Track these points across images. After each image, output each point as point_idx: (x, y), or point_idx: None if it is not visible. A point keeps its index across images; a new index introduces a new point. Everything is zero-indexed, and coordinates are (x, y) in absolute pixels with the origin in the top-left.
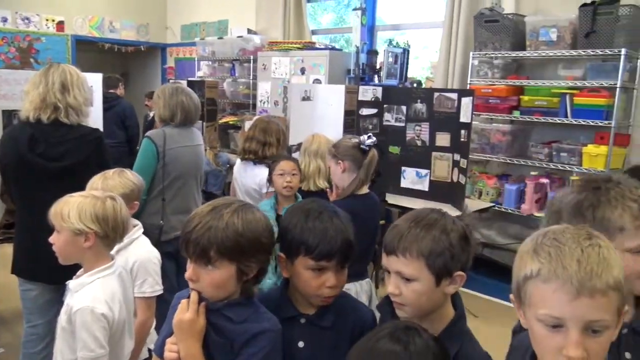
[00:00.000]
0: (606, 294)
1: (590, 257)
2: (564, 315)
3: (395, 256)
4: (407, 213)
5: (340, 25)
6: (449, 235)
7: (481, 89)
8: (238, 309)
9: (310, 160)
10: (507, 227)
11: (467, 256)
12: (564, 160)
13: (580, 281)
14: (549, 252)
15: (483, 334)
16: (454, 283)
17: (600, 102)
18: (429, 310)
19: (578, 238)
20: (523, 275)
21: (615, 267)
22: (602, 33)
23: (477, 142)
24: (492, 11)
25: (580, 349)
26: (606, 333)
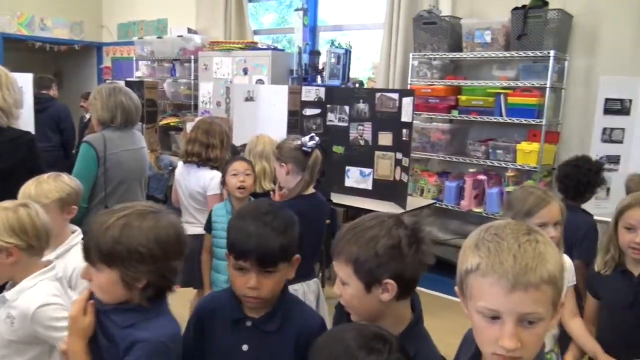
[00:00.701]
0: (540, 288)
1: (527, 252)
2: (500, 308)
3: (334, 259)
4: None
5: (283, 25)
6: (377, 244)
7: (421, 89)
8: (126, 314)
9: (256, 162)
10: (448, 223)
11: (398, 265)
12: (500, 157)
13: (515, 276)
14: (489, 247)
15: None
16: (386, 291)
17: (532, 102)
18: (369, 316)
19: (517, 233)
20: (465, 269)
21: (550, 261)
22: (533, 35)
23: (418, 141)
24: (430, 13)
25: (514, 340)
26: (540, 324)
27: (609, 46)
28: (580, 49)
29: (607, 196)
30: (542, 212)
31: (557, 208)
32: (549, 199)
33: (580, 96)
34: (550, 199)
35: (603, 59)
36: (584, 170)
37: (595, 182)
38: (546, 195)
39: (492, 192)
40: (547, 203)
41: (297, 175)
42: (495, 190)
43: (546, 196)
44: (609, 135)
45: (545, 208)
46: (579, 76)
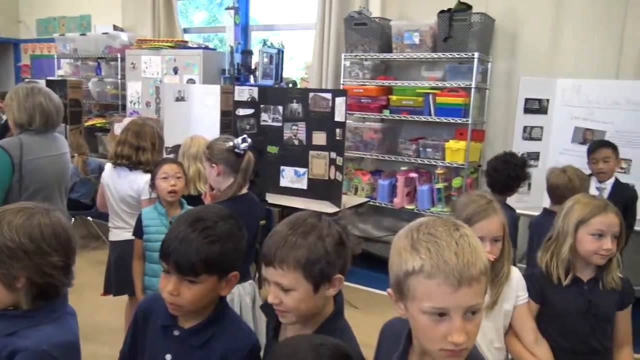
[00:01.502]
0: (480, 280)
1: (465, 248)
2: (448, 306)
3: (272, 268)
4: (285, 219)
5: (213, 24)
6: (325, 241)
7: (353, 89)
8: (10, 321)
9: (190, 164)
10: (382, 221)
11: (344, 259)
12: (430, 155)
13: (460, 272)
14: (428, 247)
15: (364, 324)
16: (333, 287)
17: (459, 101)
18: (312, 314)
19: (449, 230)
20: (404, 271)
21: (482, 252)
22: (458, 38)
23: (351, 140)
24: (360, 15)
25: (462, 334)
26: (480, 314)
27: (528, 49)
28: (502, 51)
29: (529, 191)
30: (479, 224)
31: (497, 223)
32: (489, 211)
33: (503, 96)
34: (491, 211)
35: (523, 61)
36: (512, 165)
37: (522, 176)
38: (488, 207)
39: (423, 189)
40: (485, 215)
41: (229, 176)
42: (425, 187)
43: (487, 207)
44: (529, 133)
45: (484, 221)
46: (501, 77)
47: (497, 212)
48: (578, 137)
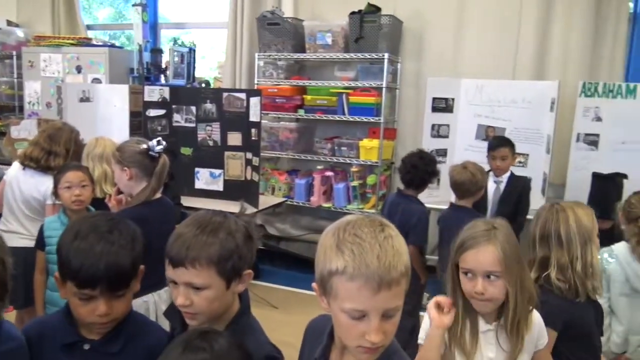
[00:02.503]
0: (400, 283)
1: (387, 251)
2: (367, 308)
3: (184, 268)
4: (186, 219)
5: (120, 21)
6: (235, 237)
7: (268, 89)
8: None
9: (95, 165)
10: (300, 220)
11: (252, 254)
12: (345, 154)
13: (381, 276)
14: (352, 249)
15: (284, 324)
16: (243, 282)
17: (371, 101)
18: (222, 312)
19: (374, 231)
20: (328, 270)
21: (404, 253)
22: (369, 39)
23: (267, 140)
24: (273, 14)
25: (380, 333)
26: (398, 314)
27: (434, 50)
28: (410, 53)
29: (438, 186)
30: (467, 253)
31: (489, 254)
32: (482, 239)
33: (412, 96)
34: (485, 240)
35: (429, 62)
36: (427, 161)
37: (436, 172)
38: (484, 234)
39: (339, 187)
40: (475, 244)
41: (141, 180)
42: (341, 185)
43: (483, 235)
44: (437, 131)
45: (472, 250)
46: (410, 77)
47: (494, 242)
48: (481, 134)
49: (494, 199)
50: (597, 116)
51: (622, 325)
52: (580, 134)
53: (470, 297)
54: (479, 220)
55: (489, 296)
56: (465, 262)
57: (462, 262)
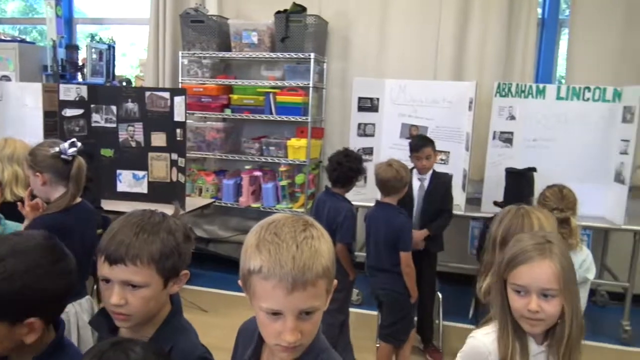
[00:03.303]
0: (316, 284)
1: (304, 252)
2: (281, 308)
3: (123, 265)
4: (120, 218)
5: (31, 15)
6: (175, 236)
7: (193, 88)
8: None
9: (5, 167)
10: (228, 221)
11: (189, 254)
12: (273, 154)
13: (294, 277)
14: (269, 249)
15: (215, 327)
16: (179, 282)
17: (298, 100)
18: (155, 313)
19: (295, 232)
20: (248, 269)
21: (324, 255)
22: (295, 38)
23: (193, 140)
24: (197, 12)
25: (294, 333)
26: (317, 314)
27: (359, 50)
28: (335, 53)
29: (365, 184)
30: (520, 268)
31: (547, 270)
32: (537, 252)
33: (338, 95)
34: (540, 254)
35: (355, 62)
36: (352, 158)
37: (361, 170)
38: (538, 248)
39: (267, 187)
40: (529, 258)
41: (57, 185)
42: (270, 185)
43: (537, 248)
44: (364, 130)
45: (526, 265)
46: (336, 77)
47: (552, 257)
48: (405, 133)
49: (419, 196)
50: (511, 115)
51: None
52: (496, 132)
53: (520, 316)
54: (527, 234)
55: (544, 315)
56: (517, 278)
57: (513, 278)
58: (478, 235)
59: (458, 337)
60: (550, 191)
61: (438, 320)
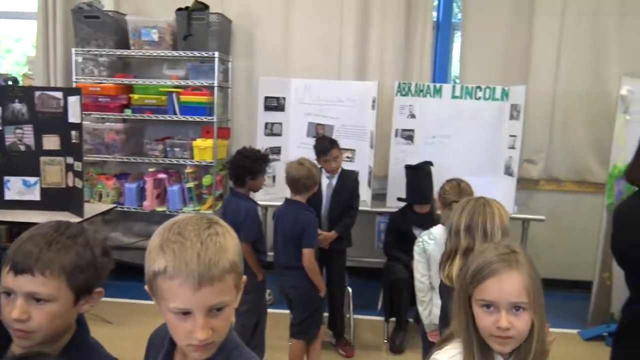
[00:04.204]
0: (223, 279)
1: (209, 248)
2: (190, 306)
3: (30, 275)
4: (31, 228)
5: None
6: (93, 250)
7: (89, 87)
8: None
9: None
10: (132, 226)
11: (106, 272)
12: (178, 155)
13: (201, 273)
14: (174, 249)
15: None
16: (91, 301)
17: (203, 100)
18: (59, 334)
19: (199, 229)
20: (152, 272)
21: (230, 250)
22: (198, 37)
23: (90, 142)
24: (90, 6)
25: (205, 331)
26: (227, 309)
27: (264, 49)
28: (240, 52)
29: (274, 183)
30: (487, 282)
31: (515, 282)
32: (503, 264)
33: (244, 95)
34: (507, 266)
35: (260, 61)
36: (243, 156)
37: (253, 168)
38: (505, 259)
39: (173, 189)
40: (496, 270)
41: None
42: (176, 187)
43: (504, 259)
44: (271, 129)
45: (493, 278)
46: (241, 76)
47: (519, 268)
48: (312, 132)
49: (328, 194)
50: (412, 113)
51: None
52: (398, 130)
53: (488, 335)
54: (489, 245)
55: (515, 332)
56: (485, 293)
57: (479, 294)
58: (384, 230)
59: (369, 329)
60: (449, 185)
61: (349, 314)
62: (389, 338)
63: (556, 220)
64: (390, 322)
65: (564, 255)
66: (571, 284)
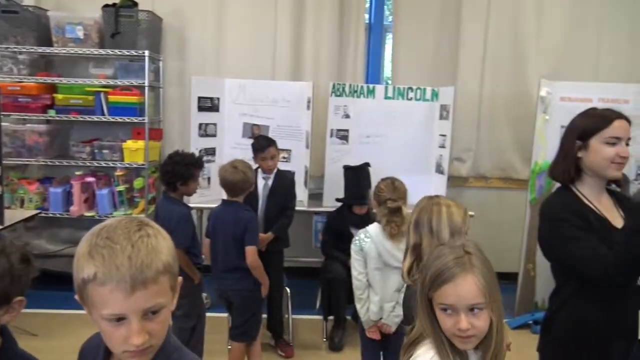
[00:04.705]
0: (158, 281)
1: (141, 250)
2: (124, 311)
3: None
4: None
5: None
6: (10, 257)
7: (7, 87)
8: None
9: None
10: (59, 232)
11: (27, 279)
12: (107, 157)
13: (133, 277)
14: (103, 254)
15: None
16: (12, 311)
17: (133, 100)
18: None
19: (129, 232)
20: (82, 279)
21: (162, 251)
22: (127, 34)
23: (10, 145)
24: (8, 1)
25: (141, 335)
26: (163, 311)
27: (197, 49)
28: (172, 51)
29: (209, 185)
30: (445, 287)
31: (471, 285)
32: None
33: (177, 95)
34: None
35: (193, 61)
36: (171, 161)
37: (180, 173)
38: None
39: (102, 193)
40: (453, 275)
41: None
42: (105, 191)
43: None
44: (205, 130)
45: (450, 283)
46: (173, 76)
47: (473, 270)
48: (247, 132)
49: (264, 194)
50: (346, 114)
51: (377, 295)
52: (333, 130)
53: (451, 335)
54: (444, 248)
55: (475, 331)
56: (443, 298)
57: (439, 298)
58: (322, 229)
59: (307, 329)
60: (384, 183)
61: (287, 314)
62: (327, 336)
63: (484, 215)
64: (328, 321)
65: (491, 248)
66: (499, 275)
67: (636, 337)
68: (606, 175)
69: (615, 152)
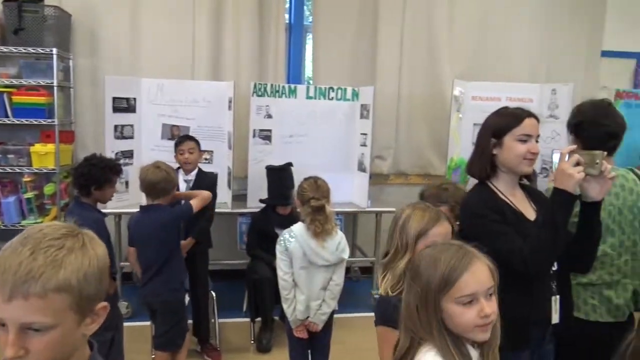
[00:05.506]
0: (45, 297)
1: (37, 260)
2: (3, 316)
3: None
4: None
5: None
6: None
7: None
8: None
9: None
10: None
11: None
12: (13, 162)
13: (14, 283)
14: (4, 254)
15: None
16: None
17: (41, 101)
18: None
19: (42, 240)
20: None
21: (67, 268)
22: (32, 31)
23: None
24: None
25: (14, 348)
26: (50, 333)
27: (110, 47)
28: (83, 49)
29: (127, 189)
30: (464, 278)
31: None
32: (469, 258)
33: (89, 95)
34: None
35: (106, 59)
36: (83, 164)
37: (105, 178)
38: (467, 254)
39: (8, 201)
40: (468, 265)
41: None
42: (12, 199)
43: (467, 254)
44: (121, 132)
45: (468, 272)
46: (85, 75)
47: (479, 256)
48: (167, 133)
49: None
50: (268, 114)
51: (304, 294)
52: (255, 130)
53: (472, 327)
54: (433, 252)
55: (494, 316)
56: (461, 291)
57: (457, 292)
58: (246, 230)
59: (235, 331)
60: (307, 183)
61: (213, 318)
62: (255, 338)
63: None
64: (256, 323)
65: None
66: None
67: (550, 322)
68: (519, 171)
69: (526, 148)
